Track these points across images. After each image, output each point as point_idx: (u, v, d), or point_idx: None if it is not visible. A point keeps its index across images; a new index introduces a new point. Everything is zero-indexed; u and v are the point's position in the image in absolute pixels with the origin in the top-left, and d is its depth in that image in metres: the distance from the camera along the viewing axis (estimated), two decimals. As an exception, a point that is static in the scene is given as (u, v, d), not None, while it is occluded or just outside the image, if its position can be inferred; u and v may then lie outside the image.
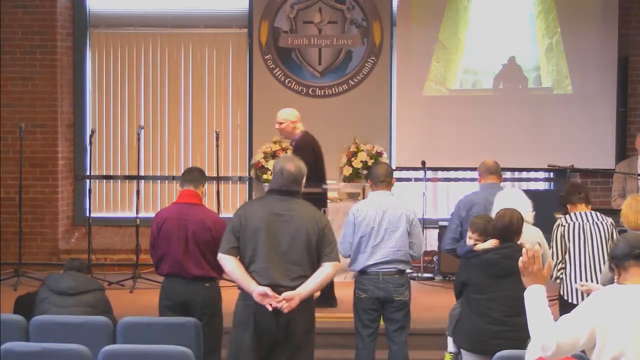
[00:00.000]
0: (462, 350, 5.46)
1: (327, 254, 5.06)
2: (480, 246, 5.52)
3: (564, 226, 6.25)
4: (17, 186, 9.09)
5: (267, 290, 4.89)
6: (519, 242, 5.39)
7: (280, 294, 4.90)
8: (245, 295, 5.00)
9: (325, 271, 5.05)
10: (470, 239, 5.70)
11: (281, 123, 7.90)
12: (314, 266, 5.05)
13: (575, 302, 6.09)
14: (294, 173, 5.08)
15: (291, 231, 4.99)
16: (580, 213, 6.29)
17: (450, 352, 6.25)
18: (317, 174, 7.77)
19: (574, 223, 6.24)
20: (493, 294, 5.23)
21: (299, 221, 5.01)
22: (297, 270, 4.99)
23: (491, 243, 5.44)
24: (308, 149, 7.85)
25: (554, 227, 6.28)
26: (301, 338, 5.04)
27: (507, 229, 5.39)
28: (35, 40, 9.83)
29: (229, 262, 5.03)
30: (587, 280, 6.05)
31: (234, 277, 5.04)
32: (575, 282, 6.15)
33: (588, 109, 9.85)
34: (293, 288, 4.94)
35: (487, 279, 5.27)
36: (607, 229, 6.23)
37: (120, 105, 10.27)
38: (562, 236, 6.23)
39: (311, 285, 5.00)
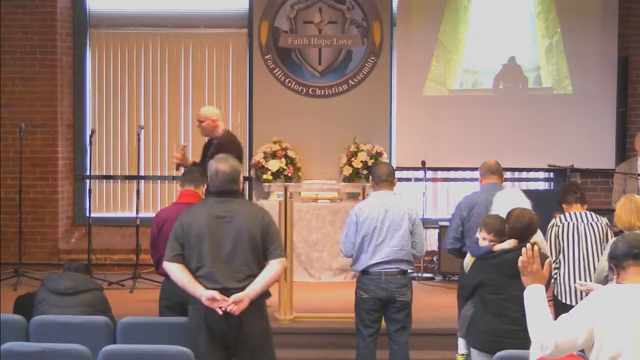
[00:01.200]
0: (472, 350, 5.42)
1: (273, 250, 5.03)
2: (499, 246, 5.46)
3: (558, 226, 6.26)
4: (17, 186, 9.09)
5: (215, 294, 4.87)
6: (532, 242, 5.36)
7: (230, 297, 4.89)
8: (194, 300, 4.97)
9: (272, 269, 5.02)
10: (484, 240, 5.63)
11: (202, 121, 7.87)
12: (261, 265, 5.03)
13: (569, 302, 6.09)
14: (229, 173, 5.04)
15: (234, 232, 4.96)
16: (574, 213, 6.29)
17: (463, 354, 6.22)
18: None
19: (568, 223, 6.25)
20: (511, 294, 5.18)
21: (241, 221, 4.97)
22: (245, 270, 4.97)
23: (509, 243, 5.39)
24: (231, 148, 7.86)
25: (549, 227, 6.28)
26: (258, 339, 5.03)
27: (527, 228, 5.35)
28: (35, 40, 9.83)
29: (174, 270, 5.01)
30: (580, 281, 6.05)
31: (181, 283, 5.00)
32: (569, 282, 6.16)
33: (588, 109, 9.86)
34: (242, 289, 4.92)
35: (505, 279, 5.22)
36: (602, 230, 6.24)
37: (120, 105, 10.28)
38: (557, 236, 6.24)
39: (259, 284, 4.97)
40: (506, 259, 5.27)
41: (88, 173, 9.98)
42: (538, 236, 6.03)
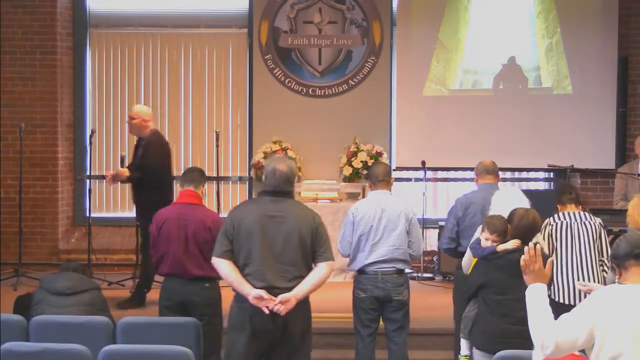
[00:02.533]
0: (474, 350, 5.41)
1: (322, 253, 5.05)
2: (503, 247, 5.45)
3: (552, 225, 6.27)
4: (17, 186, 9.09)
5: (263, 293, 4.87)
6: (534, 241, 5.35)
7: (276, 296, 4.89)
8: (240, 298, 4.98)
9: (320, 271, 5.05)
10: (487, 240, 5.62)
11: (133, 118, 7.90)
12: (309, 266, 5.05)
13: (562, 301, 6.09)
14: (286, 173, 5.06)
15: (285, 232, 4.97)
16: (568, 213, 6.30)
17: (466, 355, 6.20)
18: (164, 175, 7.86)
19: (562, 222, 6.25)
20: (515, 294, 5.16)
21: (292, 222, 4.99)
22: (293, 271, 4.98)
23: (513, 243, 5.38)
24: (159, 147, 7.93)
25: (542, 227, 6.28)
26: (298, 339, 5.03)
27: (532, 228, 5.35)
28: (35, 40, 9.83)
29: (223, 266, 5.01)
30: (575, 280, 6.06)
31: (229, 280, 5.01)
32: (562, 281, 6.16)
33: (588, 109, 9.86)
34: (289, 289, 4.93)
35: (510, 279, 5.20)
36: (595, 229, 6.24)
37: (120, 105, 10.27)
38: (550, 235, 6.25)
39: (307, 286, 5.00)
40: (510, 259, 5.25)
41: (88, 173, 9.97)
42: (538, 236, 6.04)
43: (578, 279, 6.06)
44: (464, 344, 6.02)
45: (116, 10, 10.29)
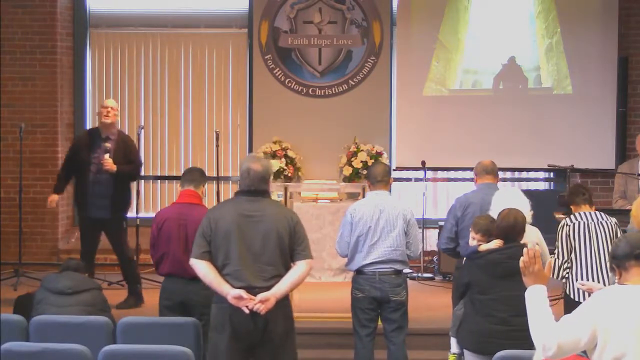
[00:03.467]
0: (465, 350, 5.44)
1: (300, 252, 5.05)
2: (485, 247, 5.49)
3: (569, 226, 6.26)
4: (17, 186, 9.08)
5: (242, 292, 4.87)
6: (522, 242, 5.37)
7: (255, 296, 4.89)
8: (219, 298, 4.98)
9: (299, 269, 5.05)
10: (473, 240, 5.67)
11: (112, 109, 7.95)
12: (288, 265, 5.05)
13: (582, 300, 6.08)
14: (261, 172, 5.05)
15: (262, 231, 4.97)
16: (584, 213, 6.29)
17: (454, 353, 6.25)
18: (135, 170, 8.02)
19: (579, 222, 6.24)
20: (498, 294, 5.22)
21: (269, 221, 4.99)
22: (271, 270, 4.98)
23: (495, 243, 5.41)
24: (133, 147, 8.12)
25: (559, 227, 6.28)
26: (281, 338, 5.03)
27: (512, 229, 5.37)
28: (35, 40, 9.83)
29: (201, 267, 5.01)
30: (593, 280, 6.05)
31: (208, 281, 5.00)
32: (582, 281, 6.15)
33: (588, 109, 9.86)
34: (268, 288, 4.93)
35: (492, 279, 5.25)
36: (612, 229, 6.24)
37: (120, 105, 10.23)
38: (568, 236, 6.23)
39: (286, 284, 4.99)
40: (491, 259, 5.29)
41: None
42: (538, 236, 6.04)
43: (597, 280, 6.05)
44: (453, 342, 6.04)
45: (116, 10, 10.29)
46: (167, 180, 10.29)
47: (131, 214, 9.27)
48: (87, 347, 4.68)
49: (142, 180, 9.91)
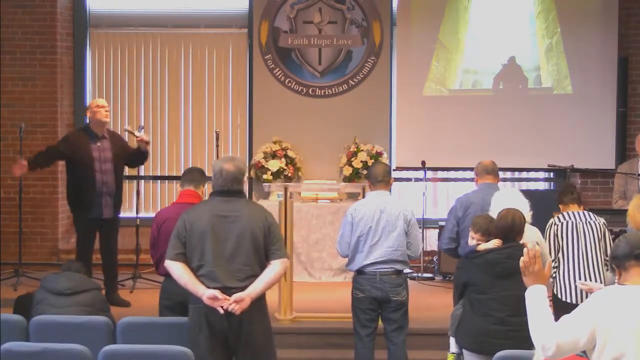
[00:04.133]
0: (464, 350, 5.45)
1: (275, 251, 5.06)
2: (483, 246, 5.50)
3: (557, 225, 6.28)
4: (17, 186, 9.08)
5: (216, 293, 4.88)
6: (521, 242, 5.38)
7: (230, 296, 4.90)
8: (195, 299, 4.99)
9: (274, 269, 5.05)
10: (472, 239, 5.69)
11: (106, 108, 8.00)
12: (263, 265, 5.06)
13: (569, 300, 6.10)
14: (233, 172, 5.06)
15: (237, 232, 4.98)
16: (572, 212, 6.32)
17: (453, 353, 6.25)
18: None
19: (567, 222, 6.26)
20: (496, 294, 5.23)
21: (244, 221, 5.00)
22: (246, 270, 4.98)
23: (494, 243, 5.42)
24: (128, 146, 8.20)
25: (547, 226, 6.30)
26: (260, 340, 5.04)
27: (510, 229, 5.38)
28: (35, 40, 9.83)
29: (176, 268, 5.02)
30: (580, 279, 6.07)
31: (182, 282, 5.01)
32: (569, 280, 6.17)
33: (588, 109, 9.86)
34: (243, 289, 4.94)
35: (490, 279, 5.26)
36: (600, 229, 6.26)
37: (120, 105, 10.27)
38: (555, 235, 6.26)
39: (261, 284, 4.99)
40: (489, 259, 5.30)
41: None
42: (538, 236, 6.05)
43: (584, 279, 6.07)
44: (452, 341, 6.05)
45: (116, 10, 10.29)
46: (167, 180, 10.29)
47: (131, 214, 9.30)
48: (87, 347, 4.68)
49: (142, 180, 9.92)
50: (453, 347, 6.21)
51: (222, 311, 4.89)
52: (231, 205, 5.03)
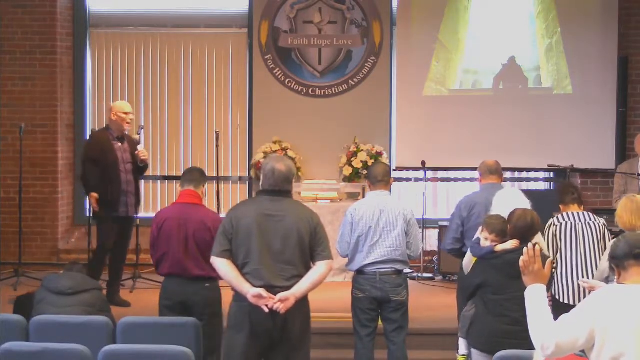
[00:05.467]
0: (473, 350, 5.42)
1: (320, 252, 5.06)
2: (501, 247, 5.46)
3: (556, 226, 6.28)
4: (17, 186, 9.09)
5: (262, 291, 4.88)
6: (533, 242, 5.35)
7: (275, 295, 4.90)
8: (239, 297, 4.98)
9: (319, 270, 5.06)
10: (486, 240, 5.63)
11: (131, 116, 8.06)
12: (308, 265, 5.06)
13: (567, 301, 6.10)
14: (285, 173, 5.08)
15: (283, 231, 4.98)
16: (572, 213, 6.31)
17: (463, 355, 6.21)
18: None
19: (566, 223, 6.26)
20: (512, 294, 5.18)
21: (291, 221, 5.00)
22: (291, 270, 4.99)
23: (512, 244, 5.38)
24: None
25: (546, 227, 6.30)
26: (298, 338, 5.04)
27: (530, 229, 5.35)
28: (35, 40, 9.83)
29: (222, 265, 5.02)
30: (578, 280, 6.06)
31: (228, 279, 5.01)
32: (567, 281, 6.17)
33: (588, 109, 9.86)
34: (288, 288, 4.94)
35: (507, 279, 5.22)
36: (599, 230, 6.25)
37: (120, 105, 10.26)
38: (554, 235, 6.26)
39: (306, 284, 5.00)
40: (508, 260, 5.26)
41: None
42: (538, 236, 6.03)
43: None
44: (462, 343, 6.03)
45: (116, 10, 10.29)
46: (167, 180, 10.30)
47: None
48: (87, 347, 4.68)
49: (142, 180, 9.90)
50: (463, 348, 6.18)
51: (266, 310, 4.88)
52: (278, 205, 5.03)
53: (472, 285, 5.46)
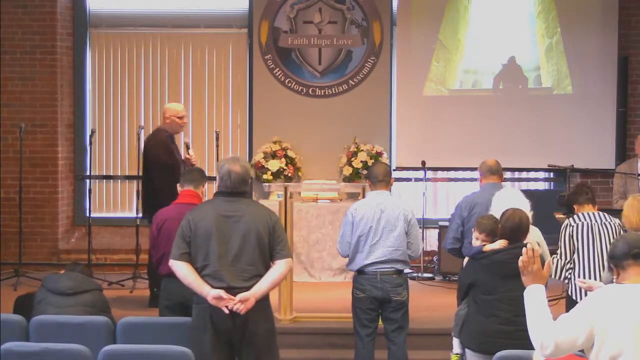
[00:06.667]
0: (466, 350, 5.44)
1: (279, 251, 5.07)
2: (489, 247, 5.48)
3: (573, 226, 6.26)
4: (17, 186, 9.09)
5: (222, 292, 4.90)
6: (525, 242, 5.37)
7: (235, 296, 4.91)
8: (200, 299, 5.00)
9: (279, 269, 5.07)
10: (477, 240, 5.66)
11: (185, 119, 8.10)
12: (267, 265, 5.07)
13: None
14: (241, 174, 5.08)
15: (242, 232, 4.99)
16: (588, 213, 6.29)
17: (457, 354, 6.23)
18: None
19: (583, 223, 6.24)
20: (502, 294, 5.21)
21: (248, 221, 5.01)
22: (251, 270, 5.00)
23: (500, 243, 5.40)
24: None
25: (562, 227, 6.28)
26: (263, 338, 5.05)
27: (518, 229, 5.37)
28: (35, 40, 9.83)
29: (181, 268, 5.03)
30: (595, 280, 6.04)
31: (187, 282, 5.03)
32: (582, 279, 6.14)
33: (588, 109, 9.86)
34: (248, 289, 4.95)
35: (496, 279, 5.24)
36: (615, 230, 6.23)
37: (120, 105, 10.28)
38: (571, 236, 6.24)
39: (266, 284, 5.01)
40: (496, 260, 5.29)
41: (88, 173, 9.98)
42: (538, 236, 6.04)
43: (599, 280, 6.04)
44: (455, 342, 6.05)
45: (116, 10, 10.29)
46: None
47: (131, 214, 9.30)
48: (87, 347, 4.69)
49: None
50: (456, 347, 6.20)
51: (227, 311, 4.90)
52: (235, 206, 5.05)
53: (465, 284, 5.49)
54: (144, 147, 8.13)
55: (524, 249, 3.76)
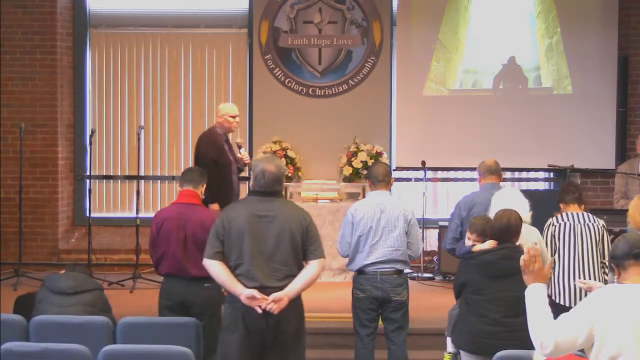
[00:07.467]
0: (461, 350, 5.46)
1: (313, 251, 5.06)
2: (478, 247, 5.51)
3: (555, 226, 6.26)
4: (17, 186, 9.09)
5: (255, 292, 4.88)
6: (517, 243, 5.38)
7: (268, 295, 4.90)
8: (232, 298, 4.99)
9: (312, 269, 5.05)
10: (469, 240, 5.70)
11: (237, 119, 8.00)
12: (300, 265, 5.06)
13: (562, 303, 6.09)
14: (275, 173, 5.06)
15: (275, 231, 4.98)
16: (571, 213, 6.28)
17: (450, 353, 6.27)
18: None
19: (565, 223, 6.24)
20: (491, 295, 5.23)
21: (282, 221, 5.00)
22: (284, 270, 4.99)
23: (489, 244, 5.43)
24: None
25: (545, 227, 6.28)
26: (292, 338, 5.04)
27: (506, 230, 5.38)
28: (35, 40, 9.83)
29: (214, 267, 5.02)
30: (575, 282, 6.04)
31: (221, 281, 5.02)
32: (563, 282, 6.15)
33: (588, 109, 9.86)
34: (281, 288, 4.94)
35: (485, 279, 5.27)
36: (598, 231, 6.22)
37: (120, 105, 10.28)
38: (553, 236, 6.24)
39: (299, 284, 5.00)
40: (484, 260, 5.30)
41: (88, 173, 9.98)
42: (538, 236, 6.04)
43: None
44: (448, 341, 6.06)
45: (116, 10, 10.29)
46: (167, 180, 10.29)
47: (131, 214, 9.30)
48: (87, 347, 4.69)
49: (142, 180, 9.93)
50: (450, 346, 6.23)
51: (260, 311, 4.89)
52: (268, 205, 5.03)
53: (458, 284, 5.51)
54: (195, 144, 8.08)
55: (525, 249, 3.76)
